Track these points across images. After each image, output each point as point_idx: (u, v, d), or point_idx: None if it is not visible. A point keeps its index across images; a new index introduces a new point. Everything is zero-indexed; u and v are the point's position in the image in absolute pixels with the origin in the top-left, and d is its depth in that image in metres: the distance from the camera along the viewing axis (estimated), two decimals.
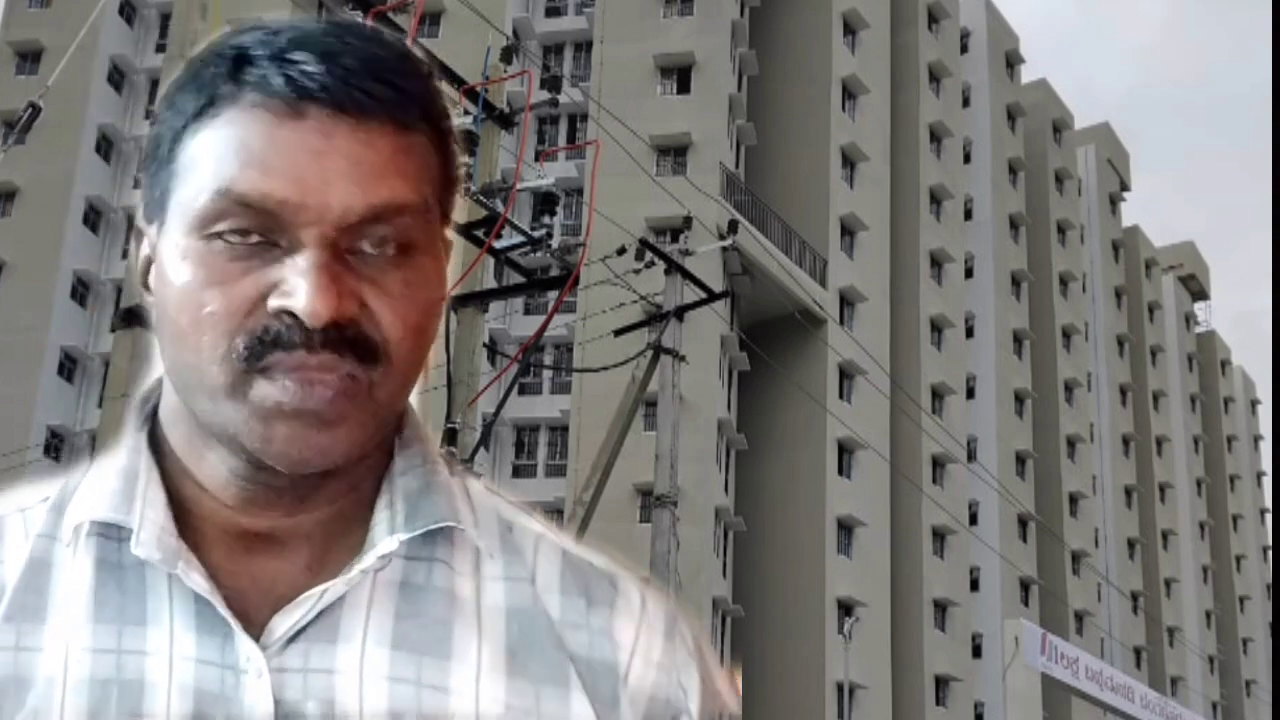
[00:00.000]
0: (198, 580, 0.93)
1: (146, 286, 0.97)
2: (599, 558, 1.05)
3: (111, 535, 0.95)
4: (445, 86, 13.51)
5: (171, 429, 0.98)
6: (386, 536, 0.96)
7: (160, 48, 45.14)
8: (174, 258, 0.92)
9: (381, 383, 0.91)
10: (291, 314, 0.88)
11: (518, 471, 42.83)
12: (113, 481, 0.97)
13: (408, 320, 0.92)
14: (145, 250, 0.97)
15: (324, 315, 0.87)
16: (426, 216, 0.94)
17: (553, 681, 0.97)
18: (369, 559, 0.95)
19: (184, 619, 0.93)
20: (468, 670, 0.95)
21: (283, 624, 0.93)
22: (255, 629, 0.93)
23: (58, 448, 42.83)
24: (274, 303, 0.88)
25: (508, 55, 15.33)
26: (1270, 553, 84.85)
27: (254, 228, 0.89)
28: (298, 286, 0.88)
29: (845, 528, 45.09)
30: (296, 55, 0.91)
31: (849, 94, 50.03)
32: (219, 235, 0.90)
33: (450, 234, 1.01)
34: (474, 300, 14.01)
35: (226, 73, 0.92)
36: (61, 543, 0.96)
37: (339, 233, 0.89)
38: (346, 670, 0.93)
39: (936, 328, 52.85)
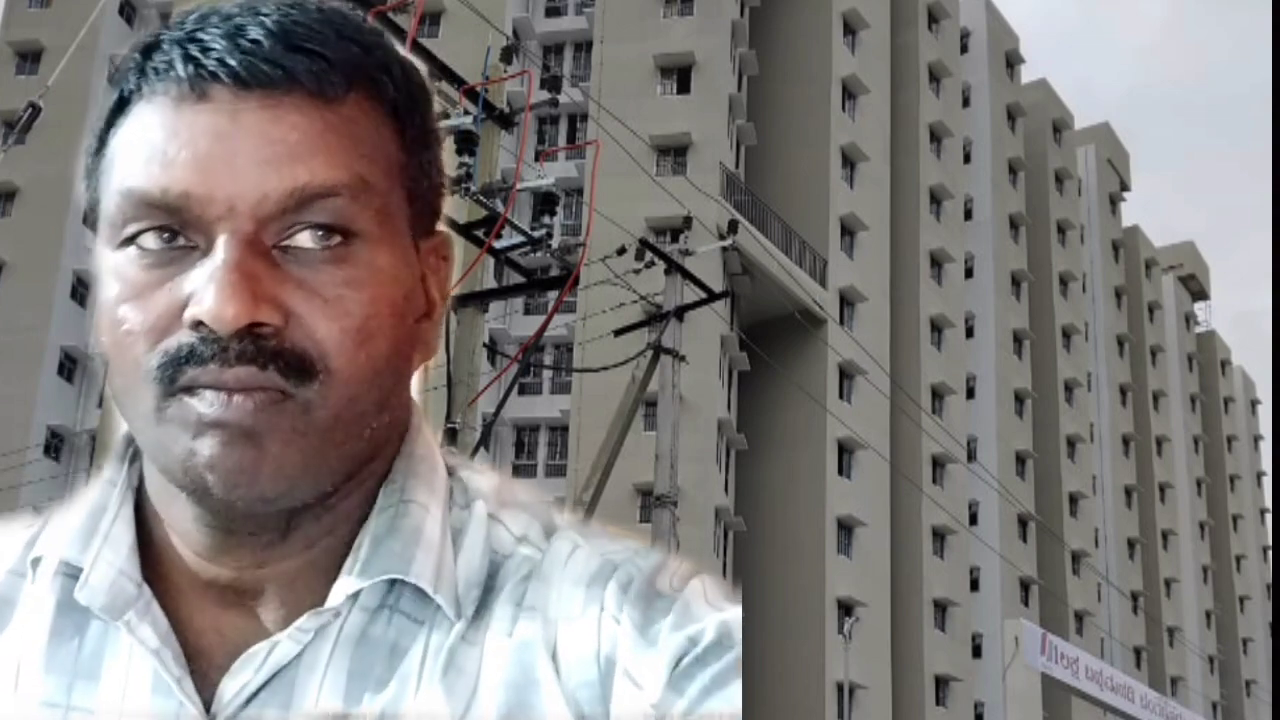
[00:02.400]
0: (147, 634, 0.85)
1: None
2: (680, 577, 0.89)
3: (75, 574, 0.87)
4: (445, 86, 13.49)
5: (148, 466, 0.89)
6: (342, 588, 0.86)
7: None
8: (99, 274, 0.85)
9: (320, 399, 0.80)
10: (203, 324, 0.79)
11: (518, 471, 42.81)
12: (78, 518, 0.89)
13: (348, 326, 0.80)
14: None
15: (232, 321, 0.77)
16: (368, 198, 0.82)
17: None
18: (318, 617, 0.86)
19: (139, 675, 0.85)
20: None
21: (231, 686, 0.85)
22: (212, 689, 0.85)
23: (58, 448, 42.83)
24: (186, 313, 0.79)
25: (508, 55, 15.33)
26: (1270, 553, 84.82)
27: (163, 229, 0.80)
28: (206, 291, 0.78)
29: (845, 528, 45.07)
30: (201, 34, 0.82)
31: (849, 94, 50.02)
32: (132, 242, 0.82)
33: (442, 226, 0.91)
34: (474, 300, 14.01)
35: (135, 65, 0.85)
36: (22, 579, 0.89)
37: (257, 226, 0.79)
38: None
39: (936, 328, 52.84)
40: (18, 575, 0.90)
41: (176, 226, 0.79)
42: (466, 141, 12.86)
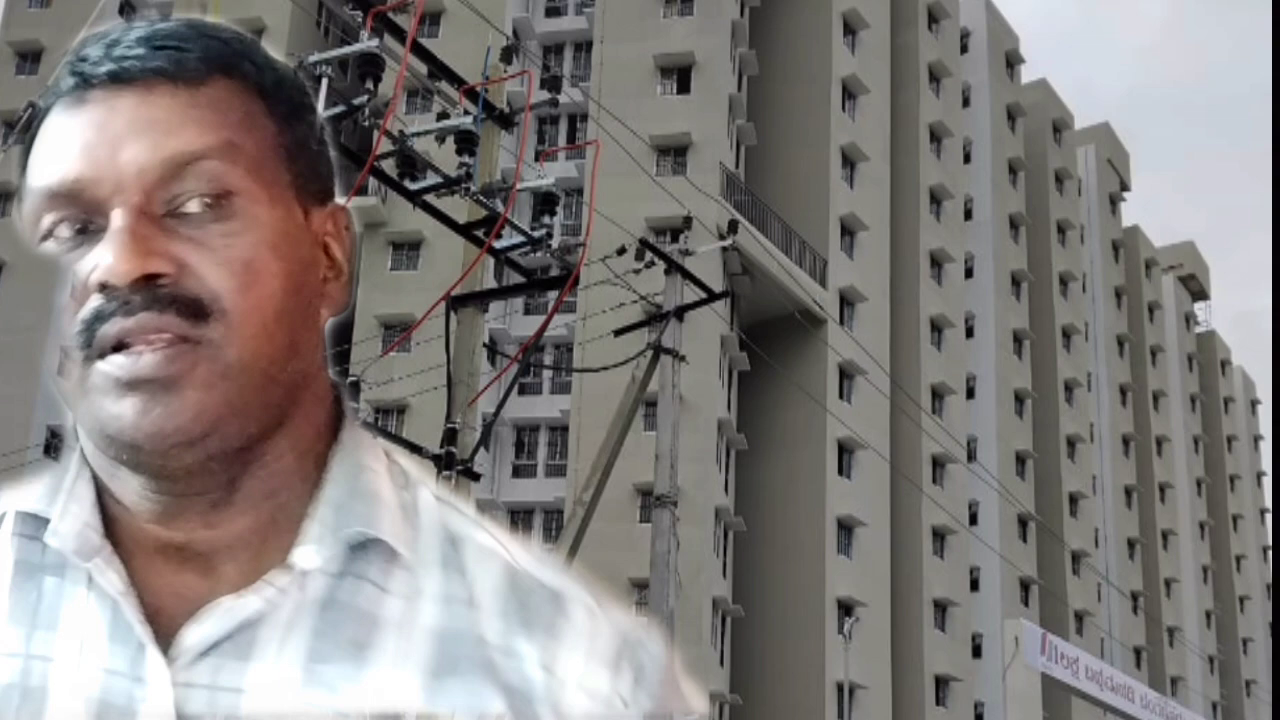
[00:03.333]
0: (113, 579, 0.90)
1: None
2: (553, 575, 0.99)
3: (34, 535, 0.93)
4: (445, 86, 13.48)
5: (88, 445, 0.95)
6: (308, 552, 0.92)
7: None
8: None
9: (225, 341, 0.88)
10: (107, 284, 0.87)
11: (518, 471, 42.83)
12: (44, 478, 0.96)
13: (234, 270, 0.89)
14: None
15: (127, 273, 0.86)
16: (237, 157, 0.91)
17: (469, 710, 0.91)
18: (283, 575, 0.91)
19: (97, 626, 0.90)
20: (383, 694, 0.91)
21: (191, 635, 0.89)
22: (166, 643, 0.89)
23: (57, 448, 42.83)
24: (91, 279, 0.88)
25: (508, 55, 15.32)
26: (1270, 553, 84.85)
27: (70, 217, 0.90)
28: (104, 254, 0.87)
29: (845, 528, 45.08)
30: (85, 51, 0.92)
31: (849, 94, 50.03)
32: (49, 235, 0.91)
33: (341, 199, 0.99)
34: (474, 300, 14.01)
35: (44, 93, 0.95)
36: None
37: (145, 196, 0.88)
38: (255, 689, 0.89)
39: (936, 328, 52.85)
40: None
41: (82, 212, 0.89)
42: (466, 141, 12.85)
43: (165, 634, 0.89)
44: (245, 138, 0.92)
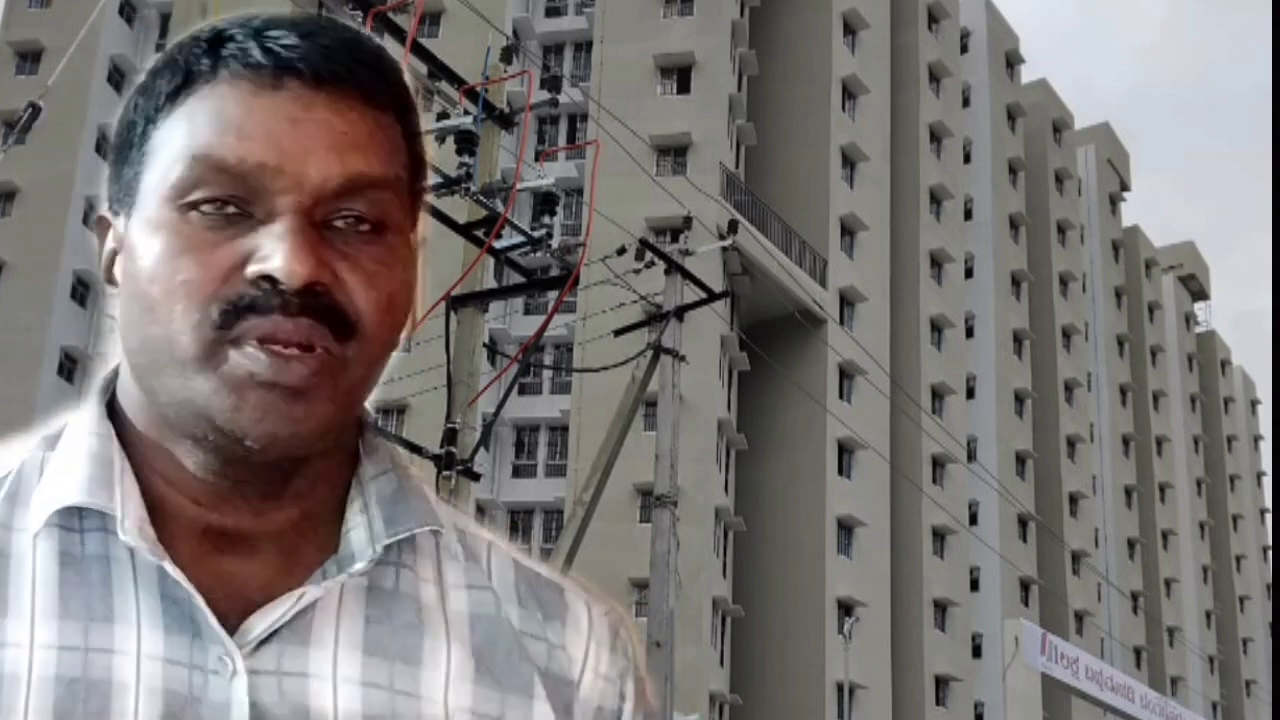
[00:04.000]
0: (171, 569, 0.89)
1: (111, 280, 0.95)
2: (544, 567, 1.05)
3: (72, 527, 0.91)
4: (445, 86, 13.47)
5: (135, 420, 0.95)
6: (364, 542, 0.94)
7: (160, 48, 43.72)
8: (145, 233, 0.90)
9: (355, 359, 0.90)
10: (269, 279, 0.87)
11: (518, 471, 42.85)
12: (85, 468, 0.93)
13: (380, 295, 0.90)
14: (110, 244, 0.95)
15: (301, 275, 0.86)
16: (399, 195, 0.93)
17: (517, 690, 0.96)
18: (358, 566, 0.93)
19: (151, 616, 0.89)
20: (438, 676, 0.94)
21: (259, 625, 0.90)
22: (226, 630, 0.90)
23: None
24: (252, 269, 0.87)
25: (508, 55, 15.32)
26: (1270, 553, 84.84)
27: (230, 196, 0.88)
28: (275, 250, 0.87)
29: (845, 528, 45.09)
30: (274, 32, 0.91)
31: (849, 94, 50.04)
32: (195, 206, 0.89)
33: (420, 233, 0.99)
34: (474, 300, 14.00)
35: (204, 52, 0.92)
36: (21, 533, 0.91)
37: (315, 202, 0.89)
38: (320, 674, 0.91)
39: (936, 328, 52.86)
40: (4, 529, 0.92)
41: (243, 194, 0.88)
42: (466, 141, 12.85)
43: (220, 617, 0.90)
44: (403, 172, 0.94)
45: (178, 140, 0.90)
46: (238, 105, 0.89)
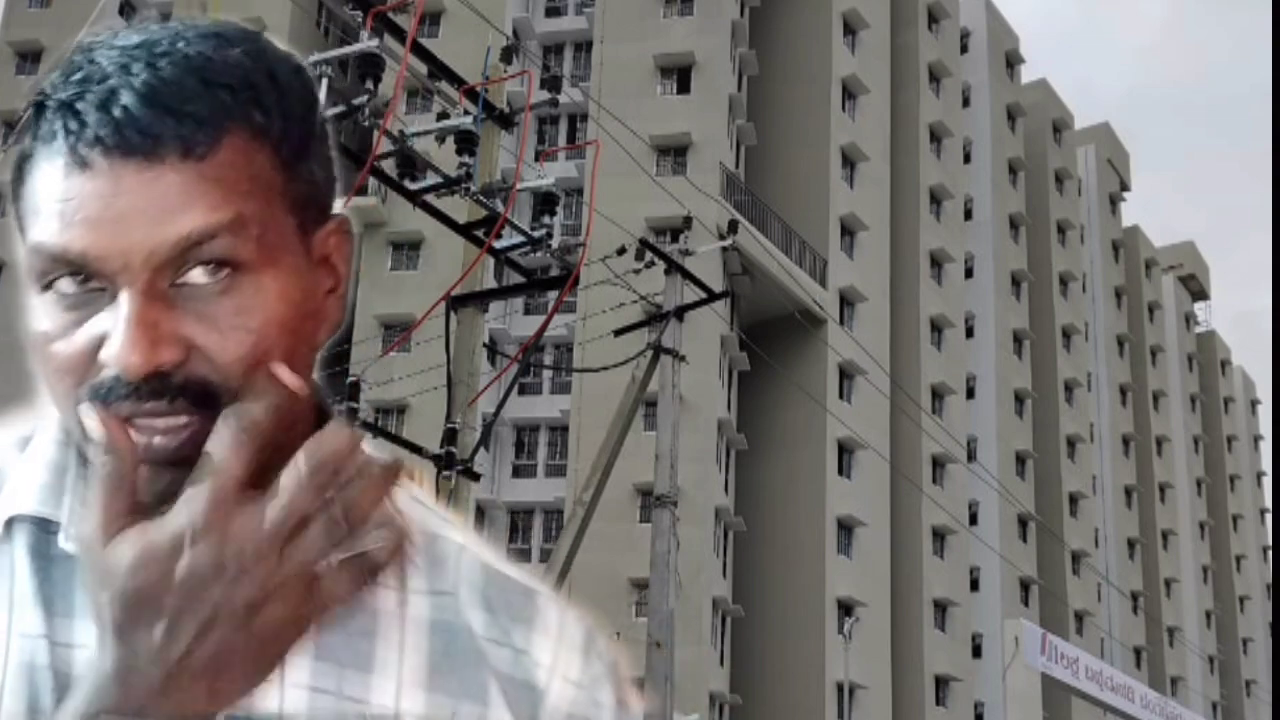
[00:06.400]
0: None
1: None
2: (518, 572, 1.04)
3: (42, 526, 0.94)
4: (445, 86, 13.46)
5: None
6: None
7: None
8: (30, 303, 0.91)
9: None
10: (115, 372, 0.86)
11: (518, 471, 42.84)
12: (42, 475, 0.96)
13: (244, 352, 0.88)
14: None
15: (138, 366, 0.85)
16: (248, 231, 0.89)
17: (471, 697, 0.96)
18: None
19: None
20: (388, 684, 0.94)
21: None
22: None
23: None
24: (101, 356, 0.86)
25: (508, 55, 15.33)
26: (1270, 553, 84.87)
27: (78, 276, 0.87)
28: (115, 338, 0.86)
29: (845, 528, 45.09)
30: (78, 104, 0.88)
31: (849, 94, 50.05)
32: (50, 287, 0.89)
33: (328, 233, 0.96)
34: (474, 300, 14.01)
35: (30, 120, 0.92)
36: None
37: (153, 274, 0.86)
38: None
39: (936, 328, 52.87)
40: None
41: (89, 274, 0.87)
42: (466, 141, 12.85)
43: None
44: (254, 204, 0.89)
45: (25, 225, 0.90)
46: (55, 189, 0.88)
